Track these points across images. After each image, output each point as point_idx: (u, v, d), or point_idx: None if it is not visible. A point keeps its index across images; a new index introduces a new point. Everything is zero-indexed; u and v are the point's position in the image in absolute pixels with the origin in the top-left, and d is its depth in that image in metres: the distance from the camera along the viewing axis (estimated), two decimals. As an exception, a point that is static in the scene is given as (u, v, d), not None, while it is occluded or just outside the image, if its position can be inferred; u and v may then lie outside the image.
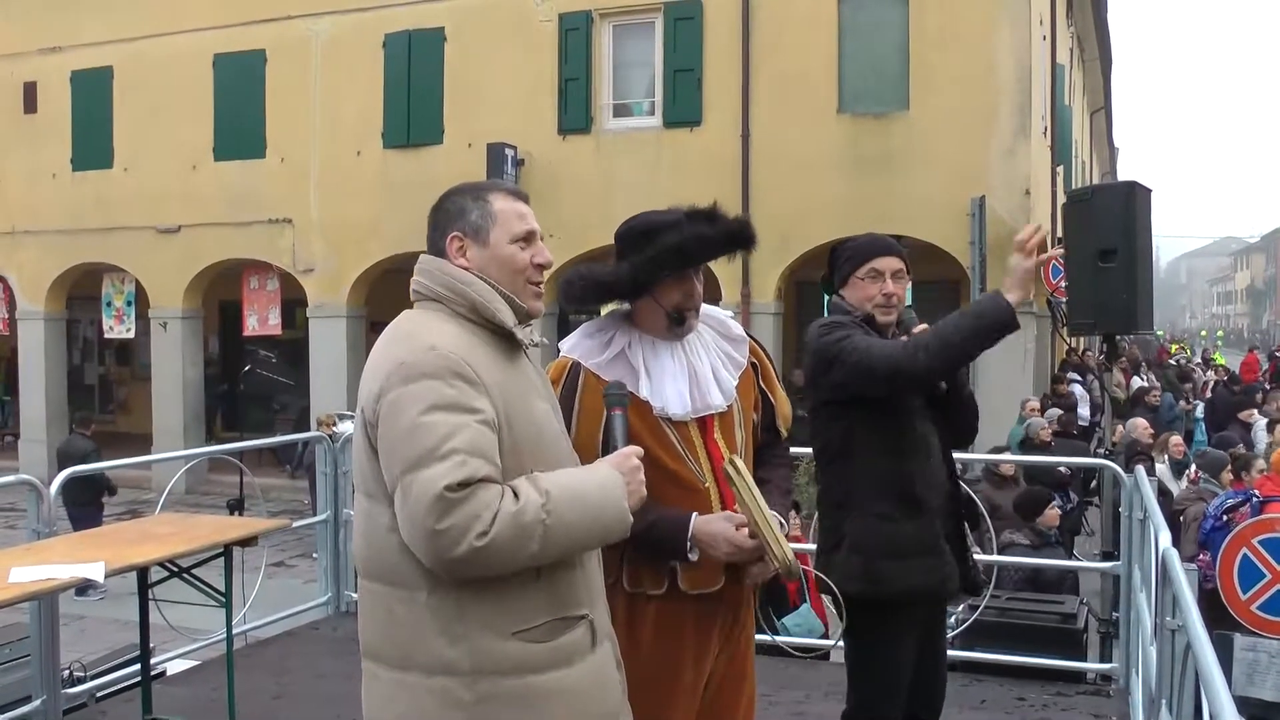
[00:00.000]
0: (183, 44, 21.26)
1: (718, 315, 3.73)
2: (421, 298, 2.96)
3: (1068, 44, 25.68)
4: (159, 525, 5.99)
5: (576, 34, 18.90)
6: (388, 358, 2.76)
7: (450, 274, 2.91)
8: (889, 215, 16.56)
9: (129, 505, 16.84)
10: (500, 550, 2.59)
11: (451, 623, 2.70)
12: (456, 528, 2.55)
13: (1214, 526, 8.69)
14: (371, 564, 2.80)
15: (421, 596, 2.71)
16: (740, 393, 3.61)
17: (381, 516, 2.74)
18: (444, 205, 3.05)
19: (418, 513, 2.57)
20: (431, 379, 2.68)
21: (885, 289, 4.11)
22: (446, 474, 2.57)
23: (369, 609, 2.83)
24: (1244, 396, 20.43)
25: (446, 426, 2.63)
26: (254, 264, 21.56)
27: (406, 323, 2.92)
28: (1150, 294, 8.14)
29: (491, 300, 2.88)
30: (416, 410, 2.65)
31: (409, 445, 2.62)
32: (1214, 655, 2.89)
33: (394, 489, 2.65)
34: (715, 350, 3.62)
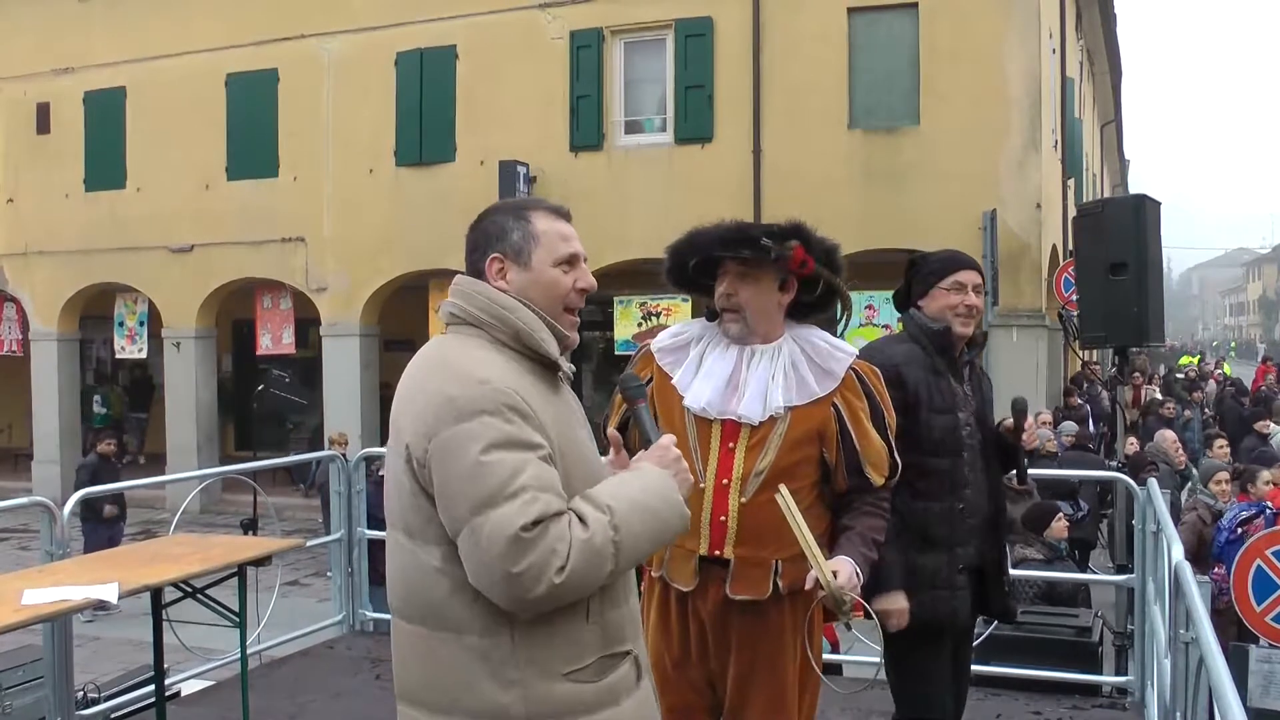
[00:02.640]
0: (195, 64, 21.35)
1: (820, 344, 3.72)
2: (459, 322, 2.82)
3: (1077, 57, 25.68)
4: (173, 545, 6.01)
5: (588, 51, 18.94)
6: (435, 393, 2.63)
7: (492, 298, 2.79)
8: (901, 229, 16.56)
9: (143, 525, 16.88)
10: (579, 580, 2.53)
11: (504, 666, 2.61)
12: (534, 567, 2.48)
13: (1229, 540, 8.67)
14: (413, 606, 2.70)
15: (471, 640, 2.62)
16: (799, 420, 3.59)
17: (428, 557, 2.64)
18: (483, 224, 2.94)
19: (492, 556, 2.48)
20: (488, 415, 2.57)
21: (968, 300, 4.30)
22: (518, 514, 2.49)
23: (408, 652, 2.73)
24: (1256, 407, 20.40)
25: (510, 464, 2.54)
26: (267, 283, 21.60)
27: (445, 351, 2.77)
28: (1161, 306, 8.15)
29: (536, 329, 2.77)
30: (476, 449, 2.54)
31: (473, 487, 2.52)
32: (1226, 668, 2.89)
33: (457, 531, 2.55)
34: (786, 369, 3.63)
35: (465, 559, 2.55)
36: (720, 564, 3.57)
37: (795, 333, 3.75)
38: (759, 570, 3.57)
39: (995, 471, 4.36)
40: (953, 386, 4.30)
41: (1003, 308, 16.76)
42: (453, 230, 21.05)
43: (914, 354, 4.32)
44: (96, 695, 6.78)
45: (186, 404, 22.12)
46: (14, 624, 4.40)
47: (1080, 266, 8.55)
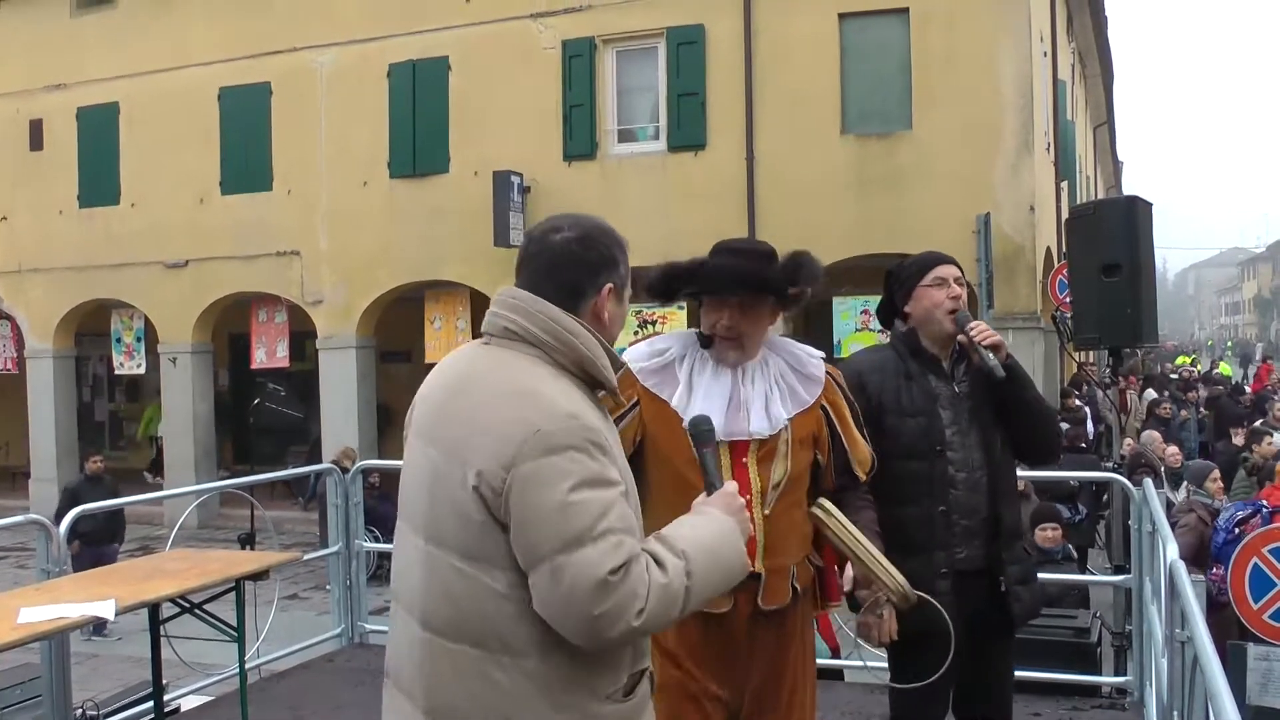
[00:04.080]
0: (188, 78, 21.37)
1: (798, 352, 3.79)
2: (513, 337, 2.76)
3: (1069, 60, 25.74)
4: (170, 561, 6.01)
5: (580, 60, 18.96)
6: (516, 421, 2.58)
7: (557, 320, 2.72)
8: (895, 234, 16.57)
9: (141, 541, 16.87)
10: (653, 623, 2.55)
11: (558, 689, 2.62)
12: (615, 609, 2.49)
13: (1226, 540, 8.68)
14: (467, 628, 2.64)
15: (529, 664, 2.60)
16: (797, 428, 3.65)
17: (492, 582, 2.60)
18: (597, 247, 2.84)
19: (576, 597, 2.48)
20: (576, 451, 2.56)
21: (952, 292, 4.33)
22: (606, 557, 2.50)
23: (449, 672, 2.66)
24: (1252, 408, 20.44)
25: (598, 505, 2.54)
26: (262, 297, 21.60)
27: (515, 373, 2.71)
28: (1154, 307, 8.16)
29: (599, 357, 2.75)
30: (566, 486, 2.52)
31: (560, 525, 2.50)
32: (1220, 667, 2.90)
33: (533, 565, 2.53)
34: (777, 381, 3.69)
35: (541, 593, 2.53)
36: (750, 578, 3.54)
37: (769, 342, 3.83)
38: (782, 579, 3.65)
39: (1001, 469, 4.30)
40: (931, 388, 4.28)
41: (998, 311, 16.78)
42: (448, 241, 21.10)
43: (884, 360, 4.36)
44: (95, 713, 6.79)
45: (184, 419, 22.10)
46: (10, 642, 4.40)
47: (1073, 268, 8.56)
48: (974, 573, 4.21)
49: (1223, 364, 44.50)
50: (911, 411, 4.23)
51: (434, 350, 20.61)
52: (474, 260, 19.28)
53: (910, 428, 4.21)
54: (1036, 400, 4.42)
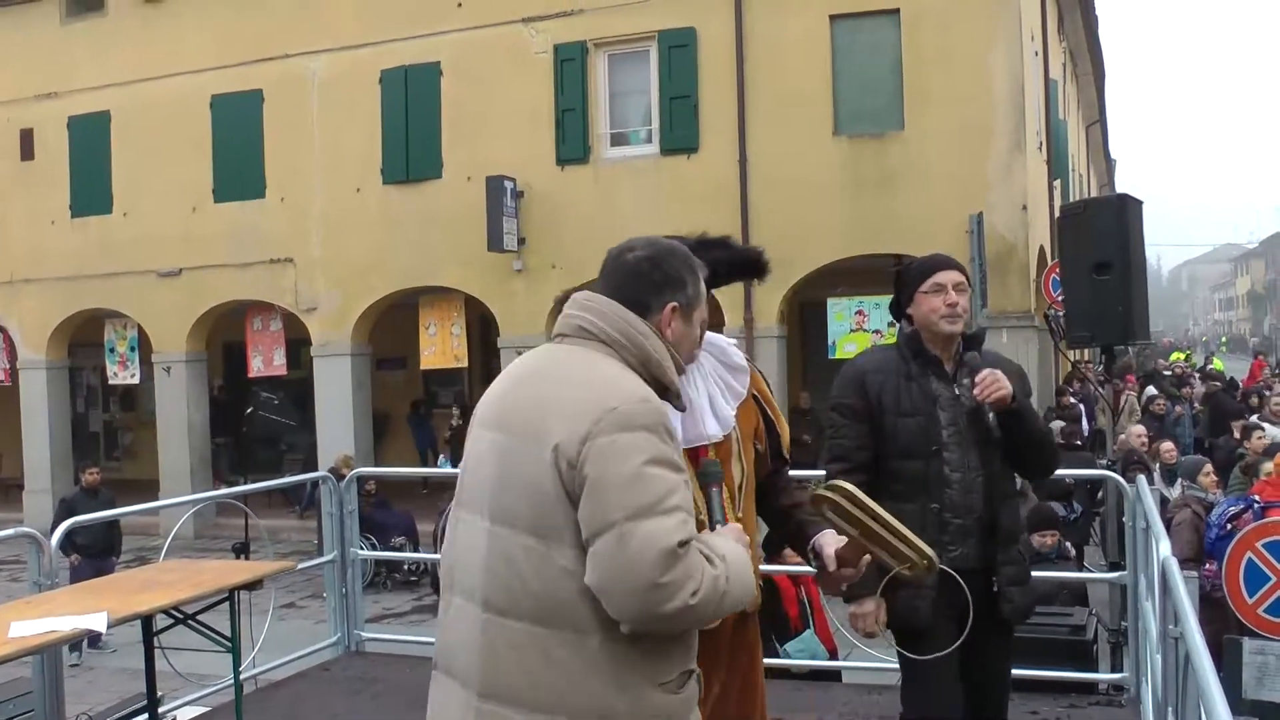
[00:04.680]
0: (179, 86, 21.33)
1: (720, 343, 3.76)
2: (587, 335, 2.90)
3: (1060, 59, 25.75)
4: (163, 572, 6.00)
5: (572, 64, 18.95)
6: (592, 401, 2.71)
7: (629, 321, 2.88)
8: (889, 234, 16.60)
9: (137, 553, 16.84)
10: (702, 609, 2.63)
11: (620, 669, 2.69)
12: (675, 584, 2.57)
13: (1219, 535, 8.70)
14: (531, 605, 2.71)
15: (594, 641, 2.68)
16: (740, 421, 3.65)
17: (560, 558, 2.69)
18: (667, 266, 3.01)
19: (641, 563, 2.56)
20: (649, 432, 2.68)
21: (949, 299, 4.36)
22: (675, 530, 2.60)
23: (506, 649, 2.74)
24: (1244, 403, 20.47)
25: (668, 482, 2.65)
26: (257, 304, 21.57)
27: (589, 361, 2.86)
28: (1145, 304, 8.19)
29: (664, 359, 2.89)
30: (640, 459, 2.64)
31: (632, 493, 2.61)
32: (1211, 663, 2.91)
33: (599, 532, 2.61)
34: (715, 380, 3.66)
35: (601, 560, 2.61)
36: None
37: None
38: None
39: (997, 471, 4.36)
40: (931, 389, 4.35)
41: (992, 309, 16.78)
42: (441, 247, 21.05)
43: (886, 360, 4.45)
44: (90, 725, 6.77)
45: (179, 429, 22.05)
46: (1, 657, 4.38)
47: (1065, 267, 8.60)
48: (967, 571, 4.22)
49: (1216, 360, 44.45)
50: (909, 411, 4.32)
51: (429, 356, 20.61)
52: (468, 265, 19.28)
53: (908, 427, 4.30)
54: (1037, 433, 4.49)
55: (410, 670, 7.59)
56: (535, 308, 18.98)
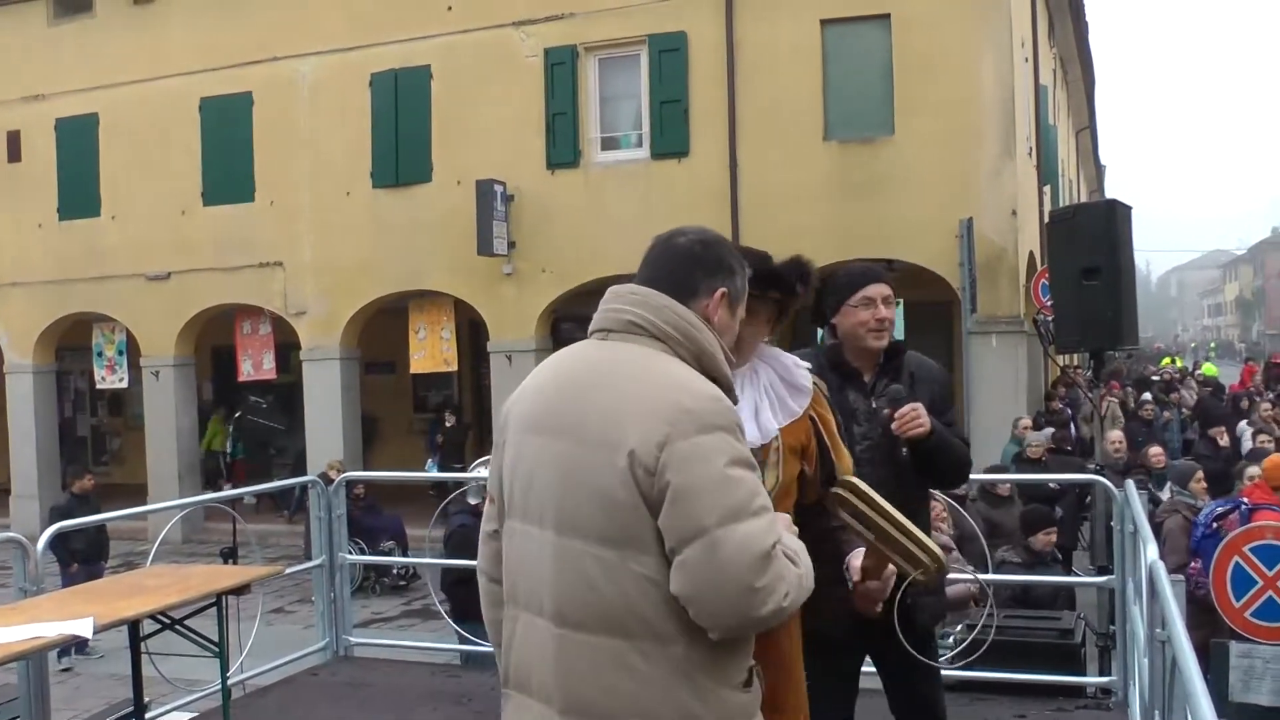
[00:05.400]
0: (168, 88, 21.29)
1: (785, 361, 3.76)
2: (637, 331, 2.81)
3: (1050, 65, 25.80)
4: (150, 577, 5.99)
5: (562, 68, 18.94)
6: (664, 401, 2.63)
7: (681, 315, 2.80)
8: (878, 239, 16.61)
9: (125, 558, 16.79)
10: (788, 612, 2.61)
11: (701, 675, 2.64)
12: (769, 586, 2.54)
13: (1204, 535, 8.73)
14: (609, 617, 2.63)
15: (677, 650, 2.62)
16: (787, 438, 3.61)
17: (639, 567, 2.61)
18: (718, 253, 2.96)
19: (737, 568, 2.51)
20: (725, 432, 2.63)
21: (878, 314, 4.34)
22: (767, 532, 2.57)
23: (589, 667, 2.65)
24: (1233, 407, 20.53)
25: (751, 483, 2.62)
26: (246, 308, 21.52)
27: (651, 361, 2.76)
28: (1134, 309, 8.21)
29: (717, 352, 2.83)
30: (722, 461, 2.58)
31: (722, 497, 2.55)
32: (1197, 667, 2.91)
33: (689, 539, 2.54)
34: (768, 391, 3.66)
35: (692, 568, 2.54)
36: None
37: (760, 353, 3.79)
38: None
39: (911, 484, 4.32)
40: (848, 402, 4.33)
41: (981, 315, 16.81)
42: (431, 250, 21.03)
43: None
44: (78, 730, 6.75)
45: (167, 433, 21.97)
46: (-12, 662, 4.37)
47: (1054, 272, 8.61)
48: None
49: (1206, 365, 44.54)
50: None
51: (419, 361, 20.59)
52: (457, 269, 19.27)
53: None
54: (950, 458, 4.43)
55: (399, 675, 7.59)
56: (525, 312, 18.99)
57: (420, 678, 7.58)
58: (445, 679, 7.58)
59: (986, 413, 16.47)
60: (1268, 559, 7.20)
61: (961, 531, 9.00)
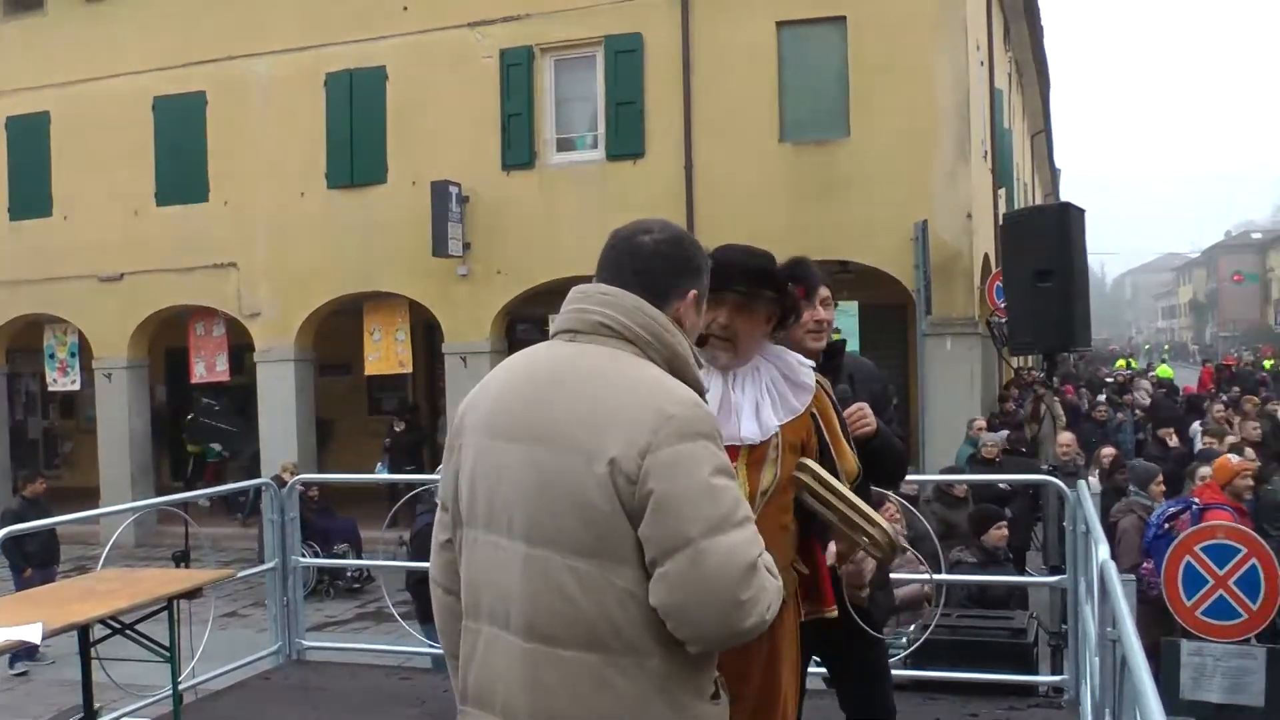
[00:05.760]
0: (121, 87, 21.10)
1: (789, 360, 3.74)
2: (608, 333, 2.71)
3: (1006, 69, 25.95)
4: (101, 581, 5.93)
5: (518, 69, 18.91)
6: (645, 408, 2.55)
7: (654, 317, 2.71)
8: (834, 241, 16.66)
9: (76, 562, 16.62)
10: (767, 624, 2.57)
11: (678, 689, 2.58)
12: (755, 600, 2.50)
13: (1156, 535, 8.81)
14: (584, 631, 2.55)
15: (654, 664, 2.55)
16: (788, 435, 3.61)
17: (618, 579, 2.53)
18: (688, 254, 2.87)
19: (722, 580, 2.46)
20: (708, 440, 2.56)
21: (816, 315, 4.30)
22: (752, 543, 2.53)
23: (562, 683, 2.57)
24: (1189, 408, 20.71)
25: (734, 492, 2.57)
26: (199, 310, 21.36)
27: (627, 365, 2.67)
28: (1087, 311, 8.26)
29: (689, 355, 2.76)
30: (706, 471, 2.52)
31: (705, 507, 2.49)
32: (1146, 665, 2.93)
33: (671, 551, 2.48)
34: (769, 389, 3.65)
35: (675, 580, 2.48)
36: None
37: (762, 349, 3.78)
38: None
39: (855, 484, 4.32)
40: None
41: (936, 317, 16.89)
42: (386, 252, 20.92)
43: None
44: (26, 735, 6.68)
45: (120, 436, 21.79)
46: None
47: (1007, 274, 8.67)
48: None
49: (1161, 367, 44.92)
50: None
51: (374, 362, 20.51)
52: (412, 271, 19.22)
53: None
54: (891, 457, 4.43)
55: (352, 678, 7.55)
56: (480, 313, 18.95)
57: (374, 680, 7.54)
58: (399, 682, 7.54)
59: (941, 414, 16.55)
60: (1218, 558, 7.28)
61: (915, 531, 9.03)
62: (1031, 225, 8.58)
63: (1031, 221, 8.73)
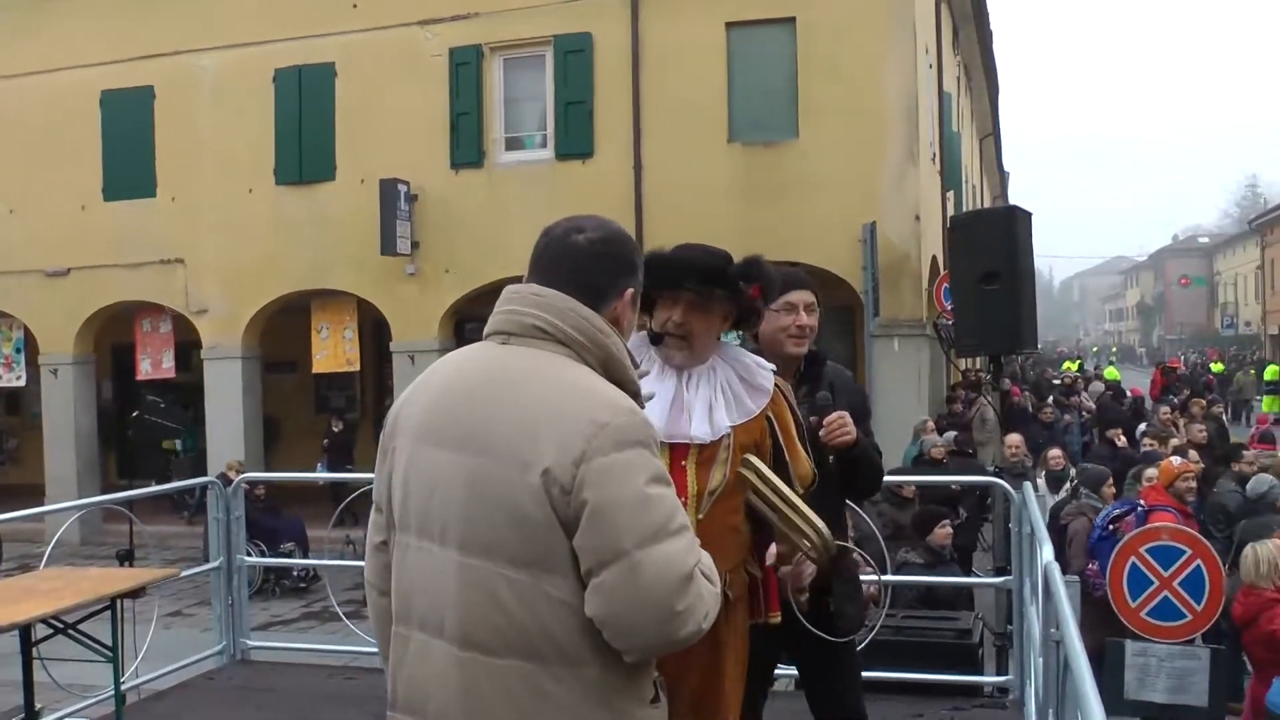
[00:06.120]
0: (68, 81, 20.83)
1: (747, 362, 3.76)
2: (542, 336, 2.66)
3: (954, 72, 26.11)
4: (43, 580, 5.88)
5: (467, 68, 18.87)
6: (580, 417, 2.51)
7: (588, 319, 2.66)
8: (783, 242, 16.67)
9: (20, 560, 16.44)
10: (705, 630, 2.56)
11: (616, 697, 2.57)
12: (691, 609, 2.49)
13: (1101, 536, 8.90)
14: (519, 641, 2.52)
15: (591, 672, 2.53)
16: (740, 436, 3.62)
17: (553, 589, 2.51)
18: (624, 252, 2.83)
19: (658, 591, 2.45)
20: (643, 447, 2.53)
21: (799, 321, 4.31)
22: (688, 553, 2.51)
23: (498, 693, 2.54)
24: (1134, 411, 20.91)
25: (670, 500, 2.54)
26: (146, 306, 21.18)
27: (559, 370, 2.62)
28: (1034, 314, 8.33)
29: (625, 357, 2.71)
30: (641, 479, 2.49)
31: (641, 518, 2.46)
32: (1087, 665, 2.96)
33: (607, 562, 2.46)
34: (724, 389, 3.66)
35: (611, 591, 2.46)
36: None
37: (720, 351, 3.80)
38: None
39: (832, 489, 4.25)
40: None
41: (884, 318, 16.97)
42: (334, 249, 20.78)
43: None
44: (-35, 737, 6.60)
45: (65, 433, 21.56)
46: None
47: (954, 277, 8.72)
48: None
49: (1109, 369, 45.37)
50: None
51: (321, 360, 20.41)
52: (361, 268, 19.14)
53: None
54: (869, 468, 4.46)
55: (297, 678, 7.52)
56: (428, 311, 18.90)
57: (318, 680, 7.52)
58: (344, 681, 7.51)
59: (888, 415, 16.58)
60: (1163, 560, 7.35)
61: (860, 532, 9.07)
62: (978, 228, 8.65)
63: (978, 224, 8.80)
